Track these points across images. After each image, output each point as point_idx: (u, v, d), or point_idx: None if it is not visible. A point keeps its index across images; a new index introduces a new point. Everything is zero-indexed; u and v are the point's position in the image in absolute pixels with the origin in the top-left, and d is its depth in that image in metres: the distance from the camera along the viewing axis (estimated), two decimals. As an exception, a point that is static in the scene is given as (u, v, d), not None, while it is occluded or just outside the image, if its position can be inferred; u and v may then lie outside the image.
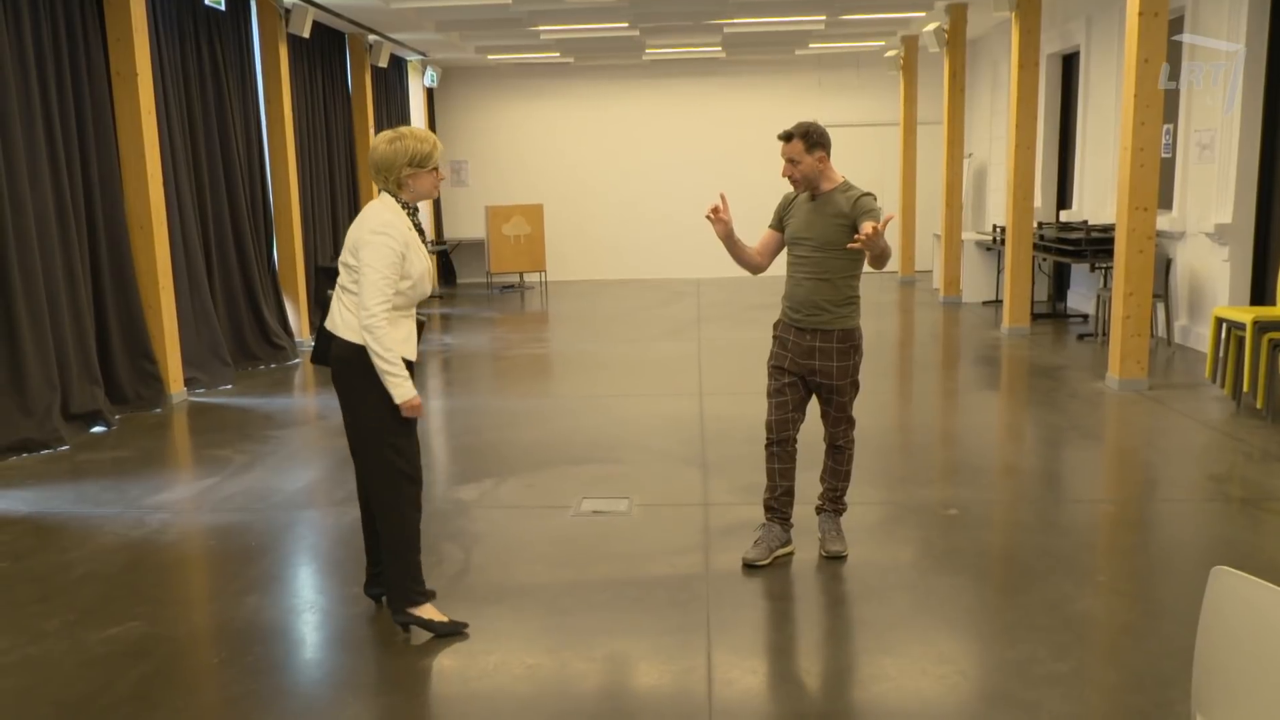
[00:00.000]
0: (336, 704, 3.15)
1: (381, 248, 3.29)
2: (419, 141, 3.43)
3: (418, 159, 3.42)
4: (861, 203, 3.96)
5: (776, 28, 11.78)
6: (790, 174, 4.07)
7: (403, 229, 3.37)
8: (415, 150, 3.41)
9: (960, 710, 3.04)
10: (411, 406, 3.36)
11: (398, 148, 3.41)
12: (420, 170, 3.44)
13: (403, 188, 3.45)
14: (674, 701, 3.10)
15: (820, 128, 4.05)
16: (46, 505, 5.14)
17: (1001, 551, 4.38)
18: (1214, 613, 2.04)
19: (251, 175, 9.21)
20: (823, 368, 4.06)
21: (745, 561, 4.10)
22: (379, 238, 3.30)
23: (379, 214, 3.38)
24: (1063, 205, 11.57)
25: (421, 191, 3.48)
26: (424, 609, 3.55)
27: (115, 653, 3.48)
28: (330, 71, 11.29)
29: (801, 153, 4.00)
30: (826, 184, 4.05)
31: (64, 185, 6.56)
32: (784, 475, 4.16)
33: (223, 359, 8.18)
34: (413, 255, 3.39)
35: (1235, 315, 6.43)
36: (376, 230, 3.32)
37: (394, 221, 3.36)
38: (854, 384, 4.13)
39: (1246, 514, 4.65)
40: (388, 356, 3.30)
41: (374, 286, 3.28)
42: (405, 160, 3.40)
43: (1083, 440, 6.04)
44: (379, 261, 3.29)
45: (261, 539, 4.62)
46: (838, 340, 4.04)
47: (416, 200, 3.50)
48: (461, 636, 3.52)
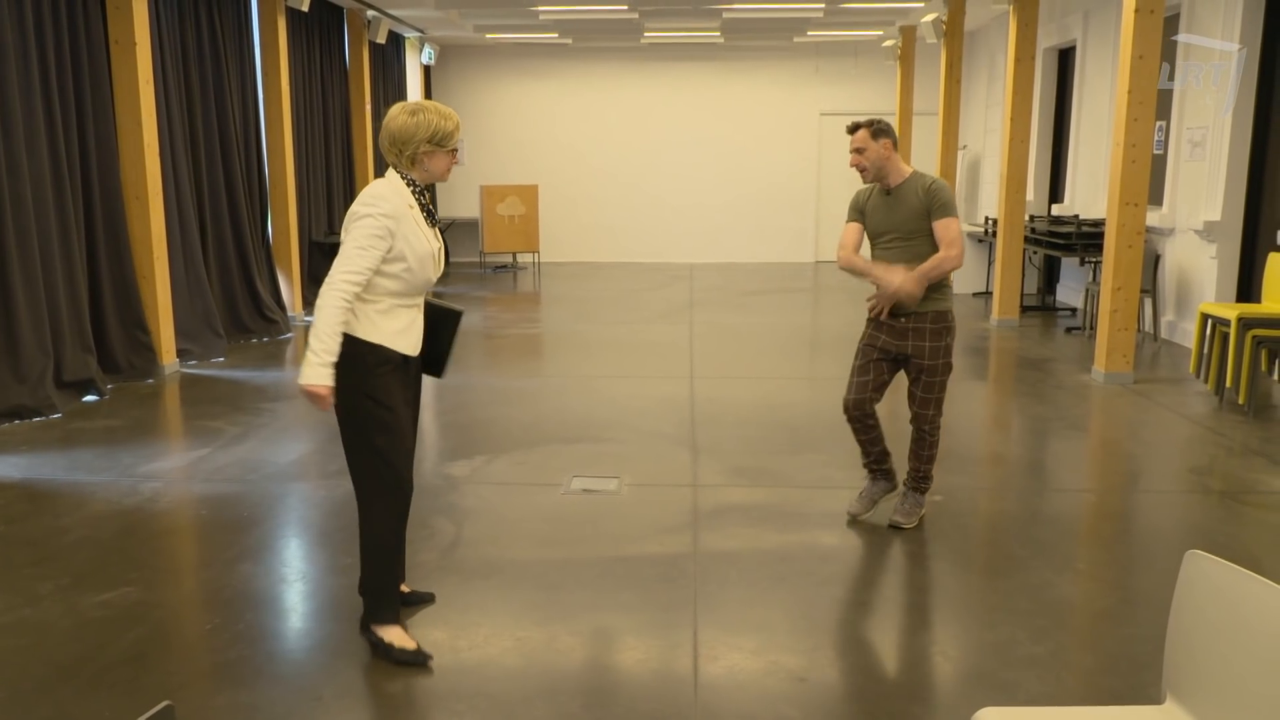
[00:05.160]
0: (327, 671, 3.20)
1: (366, 222, 3.05)
2: (442, 118, 3.17)
3: (438, 136, 3.15)
4: (933, 190, 4.08)
5: (775, 14, 11.79)
6: (858, 163, 4.16)
7: (398, 205, 3.10)
8: (437, 127, 3.15)
9: (941, 689, 3.11)
10: (308, 391, 3.00)
11: (419, 120, 3.14)
12: (438, 149, 3.18)
13: (415, 165, 3.18)
14: (660, 676, 3.16)
15: (885, 120, 4.19)
16: (39, 472, 5.17)
17: (985, 537, 4.45)
18: (1186, 595, 2.10)
19: (248, 148, 9.21)
20: (915, 348, 4.21)
21: (849, 514, 4.45)
22: (363, 212, 3.07)
23: (373, 189, 3.13)
24: (1055, 199, 11.63)
25: (435, 172, 3.21)
26: (390, 631, 3.27)
27: (109, 617, 3.53)
28: (328, 46, 11.26)
29: (867, 139, 4.11)
30: (896, 176, 4.15)
31: (60, 153, 6.56)
32: (871, 443, 4.43)
33: (216, 331, 8.20)
34: (409, 234, 3.09)
35: (1221, 311, 6.51)
36: (362, 203, 3.09)
37: (386, 195, 3.10)
38: (947, 365, 4.26)
39: (1225, 506, 4.73)
40: (321, 331, 2.99)
41: (344, 256, 3.04)
42: (425, 136, 3.13)
43: (1067, 431, 6.11)
44: (358, 232, 3.04)
45: (253, 509, 4.67)
46: (931, 321, 4.18)
47: (427, 181, 3.24)
48: (424, 668, 3.19)
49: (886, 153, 4.13)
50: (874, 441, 4.42)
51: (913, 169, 4.20)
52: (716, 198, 15.40)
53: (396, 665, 3.19)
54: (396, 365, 3.17)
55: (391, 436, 3.18)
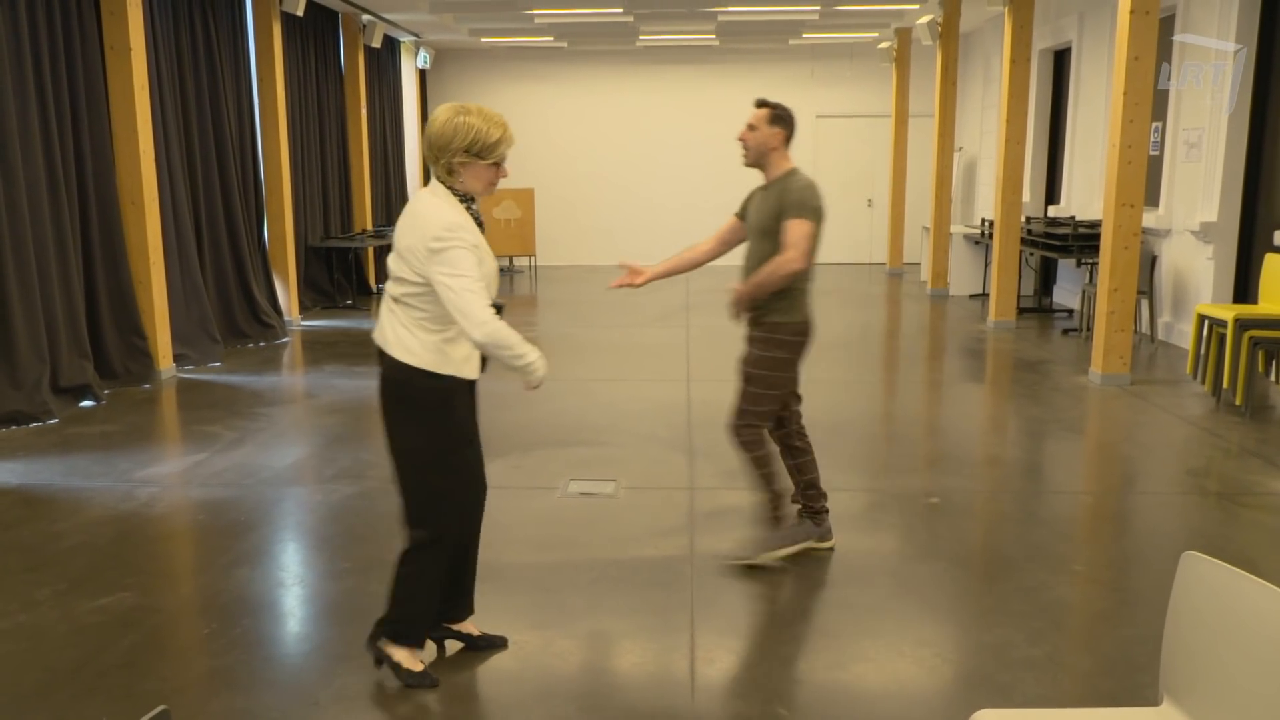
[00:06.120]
0: (325, 675, 3.20)
1: (456, 255, 2.74)
2: (487, 124, 2.84)
3: (477, 146, 2.83)
4: (788, 189, 3.80)
5: (770, 16, 11.81)
6: (744, 136, 3.89)
7: (472, 229, 2.83)
8: (477, 135, 2.82)
9: (938, 691, 3.11)
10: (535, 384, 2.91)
11: (457, 125, 2.82)
12: (478, 161, 2.86)
13: (453, 175, 2.87)
14: (657, 679, 3.16)
15: (790, 111, 3.93)
16: (35, 477, 5.16)
17: (981, 540, 4.45)
18: (1183, 597, 2.10)
19: (243, 153, 9.21)
20: (743, 355, 3.96)
21: None
22: (450, 246, 2.75)
23: (439, 214, 2.80)
24: (1051, 200, 11.64)
25: (473, 187, 2.90)
26: (401, 653, 3.12)
27: (105, 622, 3.52)
28: (323, 51, 11.27)
29: (764, 121, 3.86)
30: (773, 171, 3.89)
31: (56, 159, 6.56)
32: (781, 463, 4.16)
33: (212, 336, 8.19)
34: (483, 256, 2.84)
35: (1217, 312, 6.52)
36: (443, 238, 2.75)
37: (461, 223, 2.80)
38: (764, 378, 3.89)
39: (1222, 507, 4.73)
40: (516, 350, 2.80)
41: (468, 301, 2.73)
42: (462, 143, 2.82)
43: (1064, 433, 6.12)
44: (462, 267, 2.74)
45: (250, 514, 4.66)
46: (762, 330, 3.91)
47: (468, 193, 2.91)
48: (431, 688, 3.09)
49: (775, 143, 3.85)
50: (798, 468, 4.17)
51: (793, 168, 3.90)
52: (712, 200, 15.36)
53: (406, 688, 3.08)
54: (463, 391, 3.00)
55: (446, 471, 3.01)
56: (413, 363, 2.88)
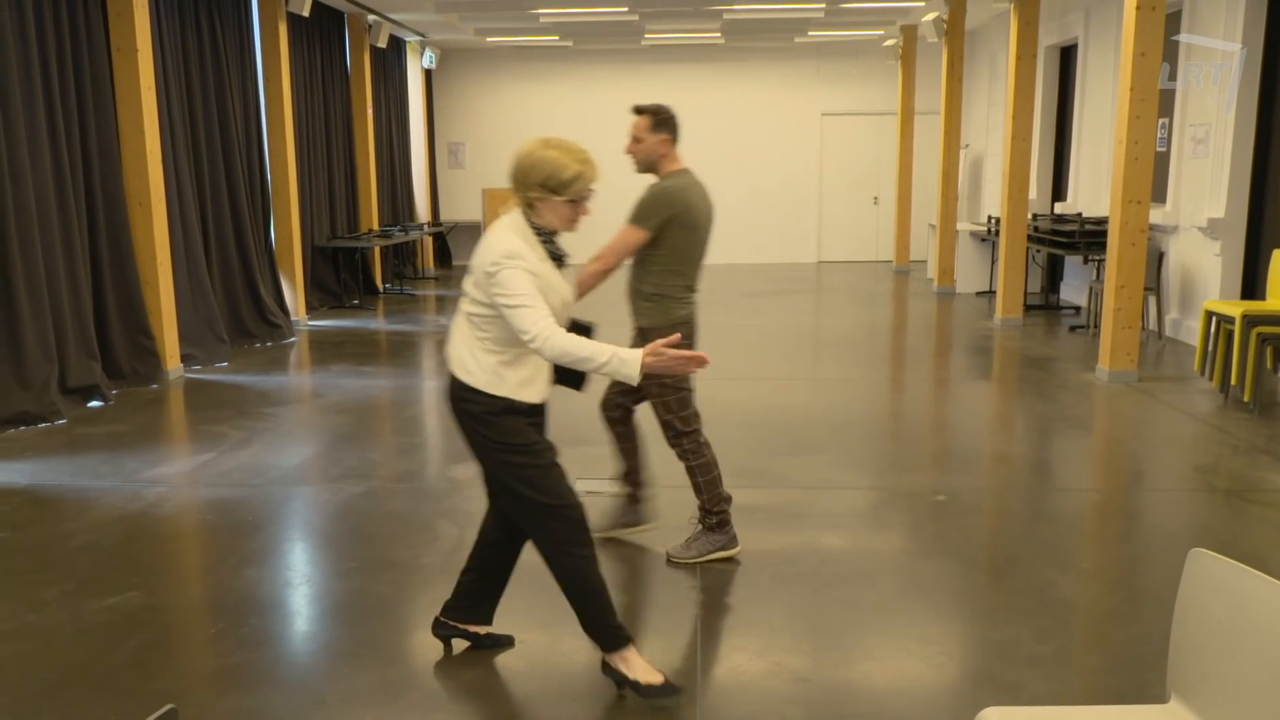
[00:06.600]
0: (333, 674, 3.20)
1: (509, 276, 2.75)
2: (568, 159, 2.83)
3: (553, 182, 2.82)
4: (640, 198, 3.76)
5: (776, 14, 11.79)
6: (631, 149, 3.86)
7: (531, 260, 2.81)
8: (553, 170, 2.81)
9: (944, 689, 3.10)
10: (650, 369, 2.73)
11: (536, 158, 2.83)
12: (553, 197, 2.84)
13: (532, 209, 2.88)
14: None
15: (672, 112, 3.85)
16: (44, 477, 5.18)
17: (988, 537, 4.44)
18: (1191, 594, 2.10)
19: (250, 154, 9.23)
20: None
21: None
22: (503, 269, 2.77)
23: (501, 241, 2.82)
24: (1058, 197, 11.62)
25: (551, 223, 2.89)
26: (633, 665, 3.00)
27: (113, 622, 3.53)
28: (329, 51, 11.29)
29: (646, 130, 3.81)
30: (663, 173, 3.86)
31: (63, 160, 6.58)
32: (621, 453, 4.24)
33: (219, 336, 8.21)
34: (545, 287, 2.82)
35: (1225, 309, 6.49)
36: (499, 263, 2.77)
37: (520, 251, 2.80)
38: (660, 384, 3.94)
39: (1230, 504, 4.71)
40: (579, 355, 2.72)
41: (521, 317, 2.73)
42: (538, 178, 2.82)
43: (1071, 430, 6.10)
44: (515, 287, 2.74)
45: (257, 514, 4.67)
46: (640, 336, 3.95)
47: (549, 228, 2.92)
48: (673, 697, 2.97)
49: (663, 149, 3.81)
50: (623, 453, 4.18)
51: (677, 169, 3.85)
52: (717, 199, 15.35)
53: (645, 699, 2.97)
54: (525, 412, 2.95)
55: (534, 463, 2.94)
56: (469, 381, 2.91)
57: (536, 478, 2.94)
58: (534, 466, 2.94)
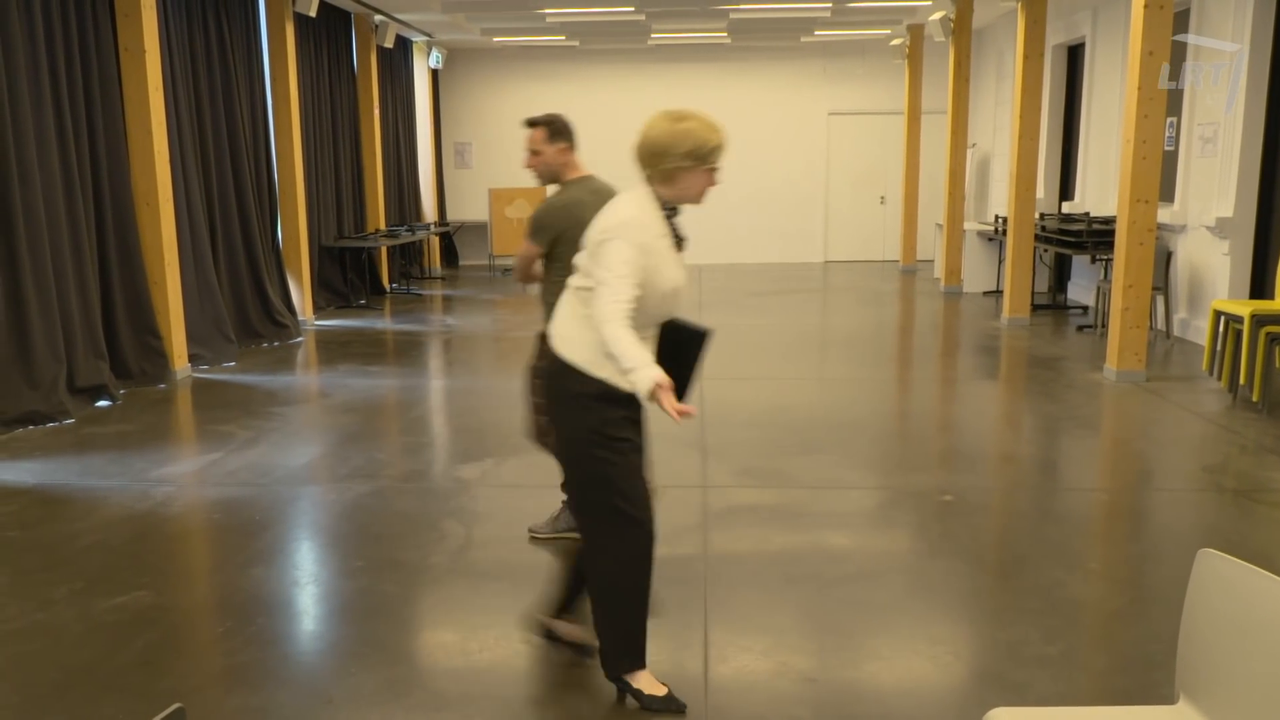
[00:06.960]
0: (340, 673, 3.21)
1: (614, 247, 2.72)
2: (708, 130, 2.81)
3: (701, 151, 2.80)
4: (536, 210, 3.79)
5: (782, 14, 11.78)
6: (532, 164, 3.88)
7: (648, 233, 2.79)
8: (701, 140, 2.79)
9: (952, 689, 3.10)
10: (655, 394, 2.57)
11: (680, 130, 2.79)
12: (697, 166, 2.82)
13: (669, 182, 2.83)
14: (670, 678, 3.15)
15: (565, 120, 3.87)
16: (52, 477, 5.20)
17: (996, 537, 4.43)
18: (1199, 594, 2.09)
19: (257, 153, 9.25)
20: None
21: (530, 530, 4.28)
22: (611, 238, 2.74)
23: (621, 208, 2.83)
24: (1065, 196, 11.59)
25: (688, 193, 2.87)
26: (638, 677, 2.99)
27: (122, 621, 3.54)
28: (336, 51, 11.30)
29: (543, 142, 3.83)
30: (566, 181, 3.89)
31: (71, 159, 6.59)
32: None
33: (226, 336, 8.23)
34: (659, 266, 2.79)
35: (1233, 308, 6.47)
36: (610, 230, 2.76)
37: (635, 220, 2.78)
38: None
39: (1238, 504, 4.70)
40: (619, 354, 2.64)
41: (605, 286, 2.69)
42: (685, 149, 2.79)
43: (1079, 430, 6.09)
44: (613, 260, 2.70)
45: (265, 513, 4.68)
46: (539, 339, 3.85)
47: (680, 202, 2.90)
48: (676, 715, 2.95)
49: (563, 159, 3.83)
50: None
51: (579, 177, 3.86)
52: (724, 198, 15.32)
53: (650, 713, 2.95)
54: (622, 401, 2.85)
55: (617, 461, 2.86)
56: (568, 356, 2.84)
57: (619, 478, 2.85)
58: (620, 465, 2.85)
